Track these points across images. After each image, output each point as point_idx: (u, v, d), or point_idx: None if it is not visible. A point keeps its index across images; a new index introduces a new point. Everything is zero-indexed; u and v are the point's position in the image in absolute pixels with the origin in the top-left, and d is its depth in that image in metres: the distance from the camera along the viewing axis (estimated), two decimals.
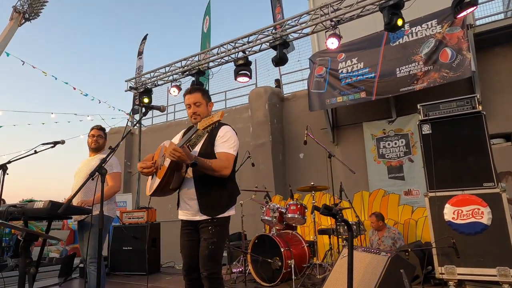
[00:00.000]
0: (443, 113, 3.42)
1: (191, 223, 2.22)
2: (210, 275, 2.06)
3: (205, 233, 2.12)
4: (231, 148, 2.18)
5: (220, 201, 2.17)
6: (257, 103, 9.11)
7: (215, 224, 2.13)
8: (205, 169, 2.05)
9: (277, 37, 5.22)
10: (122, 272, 5.15)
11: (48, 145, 3.12)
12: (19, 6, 26.59)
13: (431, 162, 3.38)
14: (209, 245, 2.08)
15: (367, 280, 2.54)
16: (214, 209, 2.14)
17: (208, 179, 2.13)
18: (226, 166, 2.12)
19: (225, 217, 2.19)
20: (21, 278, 1.84)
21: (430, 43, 6.70)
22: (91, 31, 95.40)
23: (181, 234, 2.28)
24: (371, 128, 7.93)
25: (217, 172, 2.07)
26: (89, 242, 2.95)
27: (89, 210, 2.88)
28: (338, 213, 1.38)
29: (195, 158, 1.99)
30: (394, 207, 5.13)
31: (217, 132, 2.21)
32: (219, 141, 2.18)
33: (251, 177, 8.25)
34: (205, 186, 2.15)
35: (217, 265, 2.13)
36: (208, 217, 2.13)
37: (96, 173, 1.82)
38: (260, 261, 4.01)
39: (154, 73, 6.94)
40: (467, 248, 3.12)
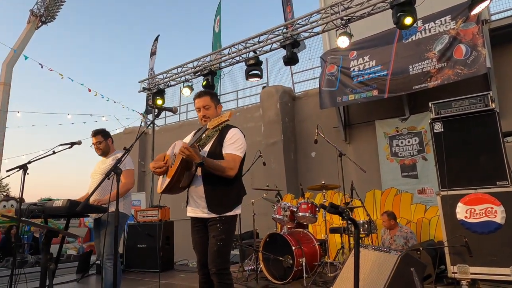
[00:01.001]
0: (455, 111, 3.39)
1: (200, 220, 2.30)
2: (219, 271, 2.13)
3: (214, 230, 2.20)
4: (238, 150, 2.25)
5: (227, 200, 2.24)
6: (268, 102, 9.14)
7: (223, 222, 2.20)
8: (212, 169, 2.12)
9: (288, 36, 5.24)
10: (137, 269, 5.27)
11: (66, 145, 3.23)
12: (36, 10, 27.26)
13: (443, 160, 3.35)
14: (218, 242, 2.16)
15: (377, 279, 2.55)
16: (221, 207, 2.21)
17: (216, 178, 2.20)
18: (232, 167, 2.19)
19: (232, 216, 2.26)
20: (42, 272, 1.93)
21: (444, 40, 6.59)
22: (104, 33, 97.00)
23: (192, 231, 2.36)
24: (383, 126, 7.86)
25: (223, 172, 2.15)
26: (105, 239, 3.05)
27: (105, 208, 2.97)
28: (344, 211, 1.40)
29: (202, 158, 2.06)
30: (407, 206, 5.09)
31: (225, 134, 2.29)
32: (227, 143, 2.26)
33: (263, 176, 8.29)
34: (213, 185, 2.22)
35: (226, 261, 2.20)
36: (216, 215, 2.20)
37: (111, 173, 1.90)
38: (271, 259, 4.06)
39: (166, 74, 7.05)
40: (480, 247, 3.09)
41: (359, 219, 4.08)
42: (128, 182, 3.30)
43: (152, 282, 4.56)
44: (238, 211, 2.31)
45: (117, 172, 1.92)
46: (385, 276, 2.50)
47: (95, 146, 3.39)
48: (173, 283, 4.47)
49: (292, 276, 3.85)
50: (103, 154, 3.43)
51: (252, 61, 5.69)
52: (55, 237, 2.17)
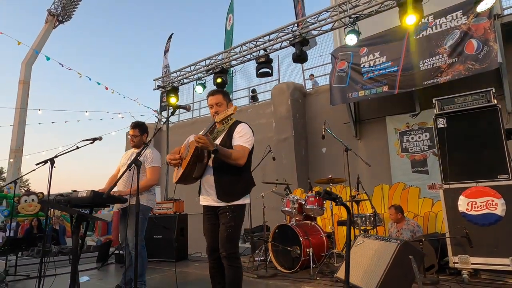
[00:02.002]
0: (458, 107, 3.48)
1: (211, 209, 2.50)
2: (229, 255, 2.33)
3: (224, 218, 2.39)
4: (246, 142, 2.44)
5: (235, 190, 2.43)
6: (279, 98, 9.28)
7: (232, 210, 2.39)
8: (224, 157, 2.29)
9: (297, 35, 5.37)
10: (153, 258, 5.54)
11: (88, 141, 3.47)
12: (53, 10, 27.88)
13: (446, 155, 3.45)
14: (227, 229, 2.35)
15: (377, 266, 2.70)
16: (229, 196, 2.40)
17: (226, 169, 2.39)
18: (242, 156, 2.37)
19: (241, 205, 2.45)
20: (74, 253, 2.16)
21: (455, 35, 6.59)
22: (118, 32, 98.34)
23: (204, 219, 2.56)
24: (394, 122, 7.91)
25: (233, 160, 2.32)
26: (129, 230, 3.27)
27: (125, 199, 3.20)
28: (338, 197, 1.56)
29: (216, 145, 2.24)
30: (414, 200, 5.18)
31: (235, 128, 2.49)
32: (236, 136, 2.46)
33: (274, 172, 8.46)
34: (223, 176, 2.41)
35: (235, 246, 2.39)
36: (225, 203, 2.40)
37: (132, 165, 2.11)
38: (280, 249, 4.24)
39: (180, 72, 7.28)
40: (481, 239, 3.20)
41: (365, 212, 4.21)
42: (152, 178, 3.45)
43: (167, 270, 4.82)
44: (246, 201, 2.49)
45: (137, 164, 2.12)
46: (385, 263, 2.64)
47: (131, 138, 3.59)
48: (187, 271, 4.73)
49: (299, 265, 4.03)
50: (135, 147, 3.61)
51: (263, 59, 5.84)
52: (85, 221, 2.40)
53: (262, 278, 3.97)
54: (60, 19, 28.07)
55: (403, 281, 2.64)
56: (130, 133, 3.60)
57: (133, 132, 3.57)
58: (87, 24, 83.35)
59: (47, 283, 3.41)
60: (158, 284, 4.03)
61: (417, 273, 2.59)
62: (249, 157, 2.50)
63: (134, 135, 3.56)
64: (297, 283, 3.67)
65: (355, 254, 3.10)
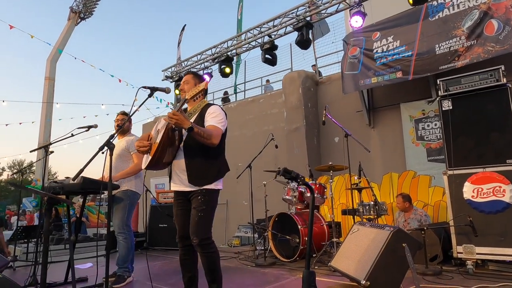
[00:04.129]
0: (464, 88, 3.25)
1: (182, 194, 2.41)
2: (201, 241, 2.23)
3: (195, 202, 2.30)
4: (219, 123, 2.34)
5: (207, 173, 2.33)
6: (290, 87, 9.10)
7: (204, 194, 2.30)
8: (198, 135, 2.18)
9: (301, 19, 5.20)
10: (159, 247, 5.60)
11: (83, 128, 3.51)
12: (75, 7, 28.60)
13: (450, 139, 3.24)
14: (199, 213, 2.26)
15: (369, 255, 2.57)
16: (201, 180, 2.31)
17: (198, 153, 2.31)
18: (216, 135, 2.27)
19: (214, 189, 2.35)
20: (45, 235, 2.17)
21: (474, 15, 6.20)
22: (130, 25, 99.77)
23: (174, 204, 2.49)
24: (409, 109, 7.59)
25: (208, 139, 2.21)
26: (115, 215, 3.31)
27: (116, 185, 3.22)
28: (298, 176, 1.45)
29: (191, 123, 2.15)
30: (425, 189, 4.96)
31: (206, 110, 2.41)
32: (208, 117, 2.37)
33: (286, 162, 8.36)
34: (194, 159, 2.33)
35: (207, 232, 2.28)
36: (196, 187, 2.31)
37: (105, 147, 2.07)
38: (279, 238, 4.16)
39: (187, 62, 7.26)
40: (487, 227, 2.99)
41: (368, 201, 4.05)
42: (139, 163, 3.50)
43: (170, 258, 4.85)
44: (219, 186, 2.40)
45: (110, 147, 2.09)
46: (377, 251, 2.51)
47: (117, 123, 3.67)
48: None
49: (298, 254, 3.94)
50: (121, 132, 3.66)
51: (267, 46, 5.71)
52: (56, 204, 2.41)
53: (259, 267, 3.90)
54: (82, 16, 28.82)
55: (395, 269, 2.50)
56: (118, 118, 3.70)
57: (121, 116, 3.69)
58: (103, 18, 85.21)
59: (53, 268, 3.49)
60: (157, 271, 4.05)
61: (411, 262, 2.45)
62: (222, 140, 2.40)
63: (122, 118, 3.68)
64: (293, 272, 3.58)
65: (350, 242, 2.98)
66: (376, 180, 5.73)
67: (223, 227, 9.80)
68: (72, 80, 76.69)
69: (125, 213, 3.45)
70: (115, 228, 3.44)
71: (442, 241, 3.46)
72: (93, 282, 3.37)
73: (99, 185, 2.90)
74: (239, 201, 9.24)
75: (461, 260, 3.21)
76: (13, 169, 41.43)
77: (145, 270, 4.10)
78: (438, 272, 3.14)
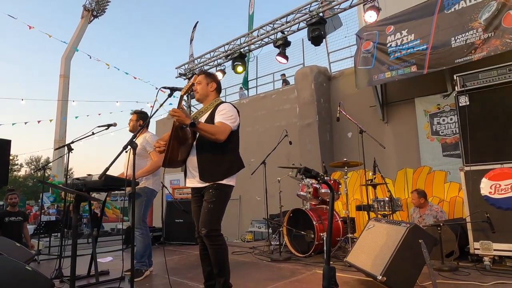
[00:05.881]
0: (482, 83, 3.21)
1: (197, 190, 2.49)
2: (209, 232, 2.29)
3: (206, 195, 2.38)
4: (227, 119, 2.39)
5: (218, 170, 2.39)
6: (303, 83, 9.08)
7: (215, 188, 2.37)
8: (202, 131, 2.26)
9: (314, 15, 5.18)
10: (175, 241, 5.72)
11: (103, 127, 3.61)
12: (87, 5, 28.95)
13: (467, 135, 3.22)
14: (209, 204, 2.33)
15: (386, 250, 2.60)
16: (212, 176, 2.38)
17: (209, 149, 2.38)
18: (222, 131, 2.32)
19: (225, 184, 2.40)
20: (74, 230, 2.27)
21: (491, 7, 6.07)
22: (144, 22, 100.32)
23: (191, 201, 2.57)
24: (424, 103, 7.50)
25: (212, 135, 2.28)
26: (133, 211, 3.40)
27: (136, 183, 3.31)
28: (318, 174, 1.49)
29: (192, 118, 2.22)
30: (440, 185, 4.92)
31: (217, 108, 2.47)
32: (217, 114, 2.44)
33: (298, 157, 8.39)
34: (206, 156, 2.40)
35: (216, 224, 2.34)
36: (207, 183, 2.37)
37: (128, 147, 2.15)
38: (294, 233, 4.21)
39: (200, 59, 7.32)
40: (505, 224, 2.97)
41: (383, 197, 4.05)
42: (158, 160, 3.59)
43: (187, 252, 4.96)
44: (231, 182, 2.45)
45: (133, 146, 2.16)
46: (393, 247, 2.53)
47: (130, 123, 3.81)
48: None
49: (313, 249, 3.98)
50: (132, 131, 3.77)
51: (280, 42, 5.71)
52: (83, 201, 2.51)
53: (275, 262, 3.96)
54: (95, 14, 29.20)
55: (412, 265, 2.52)
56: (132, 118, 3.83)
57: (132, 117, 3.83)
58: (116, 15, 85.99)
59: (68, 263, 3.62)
60: (175, 265, 4.15)
61: (427, 258, 2.46)
62: (235, 137, 2.46)
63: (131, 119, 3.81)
64: (308, 267, 3.63)
65: (365, 238, 3.00)
66: (390, 176, 5.71)
67: (236, 222, 9.90)
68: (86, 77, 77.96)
69: (142, 210, 3.56)
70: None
71: (459, 237, 3.45)
72: (114, 275, 3.51)
73: (120, 182, 2.99)
74: (252, 196, 9.31)
75: (478, 256, 3.20)
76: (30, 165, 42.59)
77: (163, 264, 4.22)
78: (455, 268, 3.14)
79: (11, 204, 5.76)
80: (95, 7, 28.82)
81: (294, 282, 3.10)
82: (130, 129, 3.78)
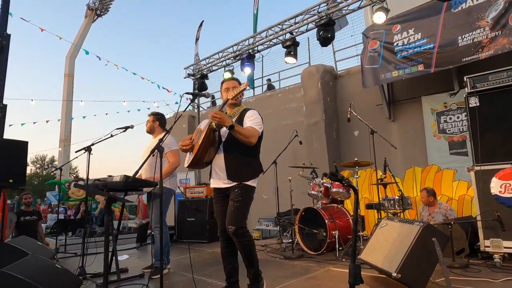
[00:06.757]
0: (492, 85, 3.28)
1: (221, 191, 2.60)
2: (236, 230, 2.39)
3: (233, 194, 2.49)
4: (257, 125, 2.52)
5: (244, 172, 2.52)
6: (309, 82, 9.15)
7: (241, 188, 2.48)
8: (238, 133, 2.37)
9: (323, 16, 5.25)
10: (187, 239, 5.85)
11: (121, 129, 3.71)
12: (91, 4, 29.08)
13: (477, 136, 3.29)
14: (235, 203, 2.44)
15: (399, 248, 2.69)
16: (239, 177, 2.50)
17: (236, 152, 2.49)
18: (254, 135, 2.45)
19: (250, 186, 2.53)
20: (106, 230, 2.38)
21: (499, 6, 6.11)
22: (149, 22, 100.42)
23: (214, 201, 2.69)
24: (430, 102, 7.55)
25: (247, 138, 2.40)
26: (153, 211, 3.52)
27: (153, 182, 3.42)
28: (343, 178, 1.58)
29: (231, 121, 2.33)
30: (449, 183, 5.00)
31: (245, 114, 2.59)
32: (247, 120, 2.55)
33: (305, 156, 8.45)
34: (233, 159, 2.52)
35: (242, 222, 2.45)
36: (234, 183, 2.49)
37: (155, 151, 2.25)
38: (306, 232, 4.31)
39: (209, 59, 7.41)
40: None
41: (394, 196, 4.14)
42: (174, 161, 3.72)
43: (200, 250, 5.07)
44: (254, 184, 2.57)
45: (160, 150, 2.27)
46: (407, 245, 2.62)
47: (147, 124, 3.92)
48: (219, 251, 4.93)
49: (325, 247, 4.08)
50: (149, 132, 3.89)
51: (289, 43, 5.79)
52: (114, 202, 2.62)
53: (288, 259, 4.07)
54: (99, 13, 29.35)
55: (425, 263, 2.61)
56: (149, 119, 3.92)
57: (149, 118, 3.92)
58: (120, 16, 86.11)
59: (90, 260, 3.75)
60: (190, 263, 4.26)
61: (440, 255, 2.55)
62: (259, 142, 2.57)
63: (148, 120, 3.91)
64: (322, 264, 3.73)
65: (379, 237, 3.09)
66: (397, 174, 5.78)
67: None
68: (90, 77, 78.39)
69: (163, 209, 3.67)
70: (152, 223, 3.66)
71: (467, 235, 3.54)
72: (133, 273, 3.63)
73: (142, 183, 3.09)
74: (259, 194, 9.36)
75: (488, 253, 3.29)
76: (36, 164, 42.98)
77: (178, 262, 4.34)
78: (465, 265, 3.23)
79: (26, 203, 5.90)
80: (98, 6, 28.98)
81: (309, 279, 3.21)
82: (147, 130, 3.89)
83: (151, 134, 3.92)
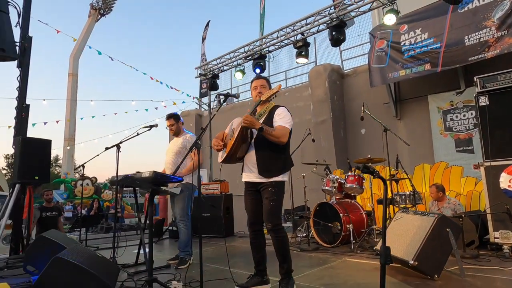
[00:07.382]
0: (501, 85, 3.45)
1: (253, 184, 2.76)
2: (274, 226, 2.60)
3: (266, 193, 2.65)
4: (287, 123, 2.68)
5: (274, 167, 2.67)
6: (316, 81, 9.32)
7: (273, 185, 2.64)
8: (268, 134, 2.54)
9: (334, 17, 5.42)
10: (203, 234, 6.03)
11: (146, 128, 3.89)
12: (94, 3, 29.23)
13: (487, 133, 3.47)
14: (271, 202, 2.61)
15: (415, 239, 2.87)
16: (270, 173, 2.66)
17: (267, 148, 2.65)
18: (284, 135, 2.61)
19: (281, 181, 2.69)
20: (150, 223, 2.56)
21: (505, 6, 6.25)
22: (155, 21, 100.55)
23: (245, 194, 2.84)
24: (437, 100, 7.71)
25: (277, 138, 2.57)
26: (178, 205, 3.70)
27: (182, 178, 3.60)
28: (375, 170, 1.76)
29: (261, 124, 2.50)
30: (457, 179, 5.17)
31: (275, 112, 2.74)
32: (277, 118, 2.70)
33: (313, 154, 8.62)
34: (264, 154, 2.67)
35: (278, 218, 2.66)
36: (265, 179, 2.65)
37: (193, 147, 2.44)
38: (321, 226, 4.50)
39: (220, 60, 7.59)
40: None
41: (405, 191, 4.32)
42: (197, 159, 3.90)
43: (217, 244, 5.27)
44: (285, 178, 2.73)
45: (197, 147, 2.46)
46: (423, 236, 2.81)
47: (169, 128, 4.02)
48: (235, 245, 5.15)
49: (340, 240, 4.27)
50: (175, 135, 4.05)
51: (300, 43, 5.95)
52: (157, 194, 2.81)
53: (305, 251, 4.26)
54: (102, 12, 29.52)
55: (440, 252, 2.79)
56: (167, 124, 4.03)
57: (169, 122, 4.03)
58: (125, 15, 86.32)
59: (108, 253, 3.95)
60: (210, 255, 4.46)
61: (454, 245, 2.74)
62: (288, 137, 2.73)
63: (171, 124, 4.03)
64: (338, 256, 3.92)
65: (394, 229, 3.27)
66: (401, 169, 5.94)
67: None
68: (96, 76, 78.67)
69: (185, 203, 3.86)
70: (177, 216, 3.85)
71: (476, 228, 3.71)
72: (157, 264, 3.82)
73: (168, 179, 3.28)
74: None
75: (497, 245, 3.47)
76: None
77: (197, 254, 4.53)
78: (476, 256, 3.41)
79: (47, 200, 6.12)
80: (102, 5, 29.14)
81: (328, 268, 3.39)
82: (174, 133, 4.03)
83: (177, 135, 4.07)
